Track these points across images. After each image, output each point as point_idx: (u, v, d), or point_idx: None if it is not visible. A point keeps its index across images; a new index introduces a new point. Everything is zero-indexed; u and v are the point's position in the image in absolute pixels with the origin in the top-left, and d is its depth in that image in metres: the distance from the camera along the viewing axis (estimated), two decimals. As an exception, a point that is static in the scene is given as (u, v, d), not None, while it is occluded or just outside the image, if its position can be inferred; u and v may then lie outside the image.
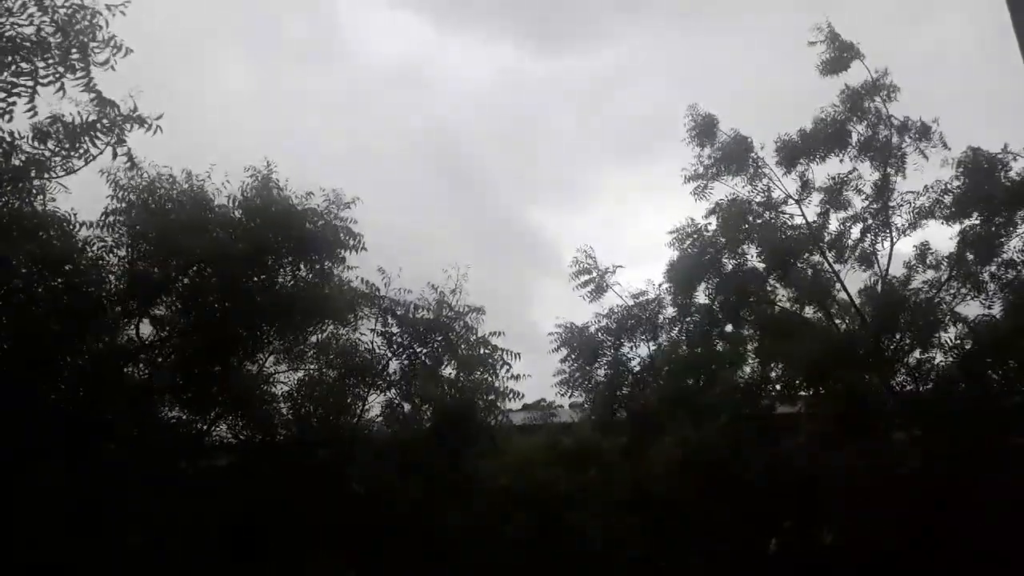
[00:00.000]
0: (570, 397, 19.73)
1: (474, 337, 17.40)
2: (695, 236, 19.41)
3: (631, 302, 19.65)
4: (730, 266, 19.31)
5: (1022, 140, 18.21)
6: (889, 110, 18.86)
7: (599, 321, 19.55)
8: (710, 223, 19.53)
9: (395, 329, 17.42)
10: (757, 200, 19.43)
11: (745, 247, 19.25)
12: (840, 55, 18.84)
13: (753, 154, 19.39)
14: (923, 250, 18.66)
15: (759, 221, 19.27)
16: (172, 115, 12.40)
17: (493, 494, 17.31)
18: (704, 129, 19.40)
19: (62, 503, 13.46)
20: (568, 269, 19.78)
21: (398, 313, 17.31)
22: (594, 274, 19.70)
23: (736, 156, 19.30)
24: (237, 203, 15.79)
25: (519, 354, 17.42)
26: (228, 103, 45.44)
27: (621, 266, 19.89)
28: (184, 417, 16.22)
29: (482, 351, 17.34)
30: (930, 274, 18.56)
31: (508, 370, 17.35)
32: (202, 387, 15.79)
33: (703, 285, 19.26)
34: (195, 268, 15.55)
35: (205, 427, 16.45)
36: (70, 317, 14.05)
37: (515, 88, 59.53)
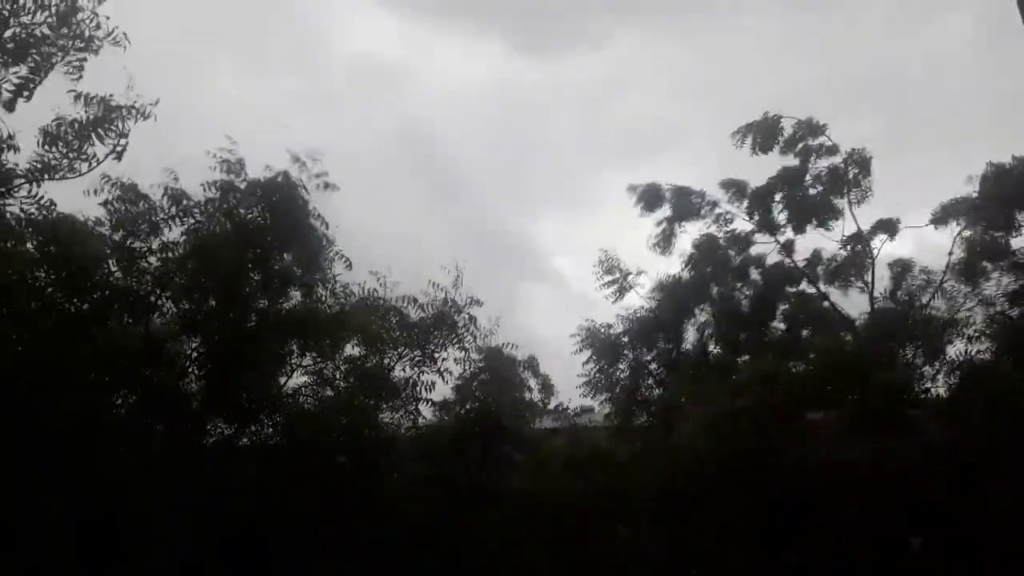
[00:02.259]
0: (593, 399, 20.17)
1: (482, 337, 17.60)
2: (671, 287, 20.29)
3: (653, 304, 20.37)
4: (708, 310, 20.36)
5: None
6: (826, 143, 19.98)
7: (620, 324, 20.19)
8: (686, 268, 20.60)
9: (397, 332, 17.50)
10: (724, 239, 20.55)
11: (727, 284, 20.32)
12: (767, 130, 20.02)
13: (708, 202, 20.56)
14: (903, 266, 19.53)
15: (736, 259, 20.43)
16: (160, 120, 12.83)
17: (513, 499, 17.30)
18: (650, 199, 20.54)
19: (79, 507, 13.73)
20: (595, 266, 20.65)
21: (403, 312, 17.46)
22: (617, 275, 20.51)
23: (689, 210, 20.53)
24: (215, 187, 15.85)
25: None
26: (215, 105, 45.57)
27: (644, 271, 20.76)
28: (212, 422, 16.48)
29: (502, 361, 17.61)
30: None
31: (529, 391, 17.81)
32: (229, 395, 15.93)
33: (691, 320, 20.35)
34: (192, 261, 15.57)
35: (231, 433, 16.66)
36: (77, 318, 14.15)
37: (507, 91, 60.04)
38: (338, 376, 17.31)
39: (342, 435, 16.72)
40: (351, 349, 17.35)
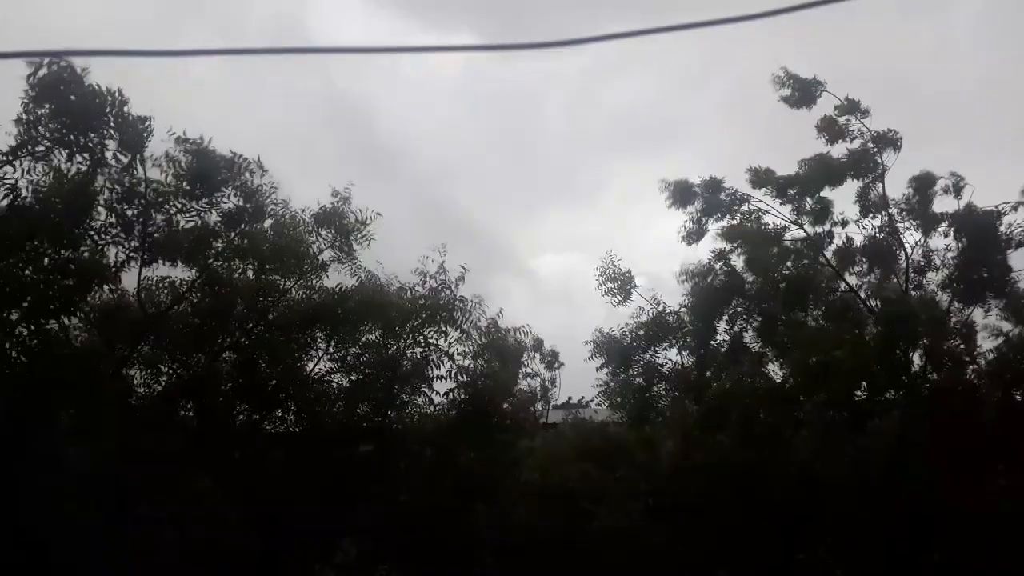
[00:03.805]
0: (608, 404, 20.21)
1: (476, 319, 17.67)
2: (705, 275, 20.04)
3: (656, 307, 20.23)
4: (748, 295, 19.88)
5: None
6: (869, 127, 19.40)
7: (629, 330, 20.00)
8: (726, 253, 20.18)
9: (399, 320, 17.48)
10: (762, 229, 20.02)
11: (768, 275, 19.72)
12: (804, 91, 19.48)
13: (739, 198, 20.08)
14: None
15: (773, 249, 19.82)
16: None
17: (522, 488, 17.68)
18: (682, 194, 20.11)
19: (111, 488, 14.14)
20: (595, 273, 20.30)
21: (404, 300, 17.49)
22: (619, 281, 20.23)
23: (720, 205, 20.14)
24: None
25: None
26: (193, 89, 45.21)
27: (637, 285, 20.42)
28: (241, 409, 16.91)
29: (498, 340, 17.77)
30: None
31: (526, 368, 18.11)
32: (259, 381, 16.29)
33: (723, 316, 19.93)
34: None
35: (258, 419, 17.09)
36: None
37: (483, 86, 60.31)
38: (360, 362, 17.49)
39: (363, 421, 16.95)
40: (371, 335, 17.59)
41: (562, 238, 63.88)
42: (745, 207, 20.00)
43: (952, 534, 16.31)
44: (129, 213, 15.06)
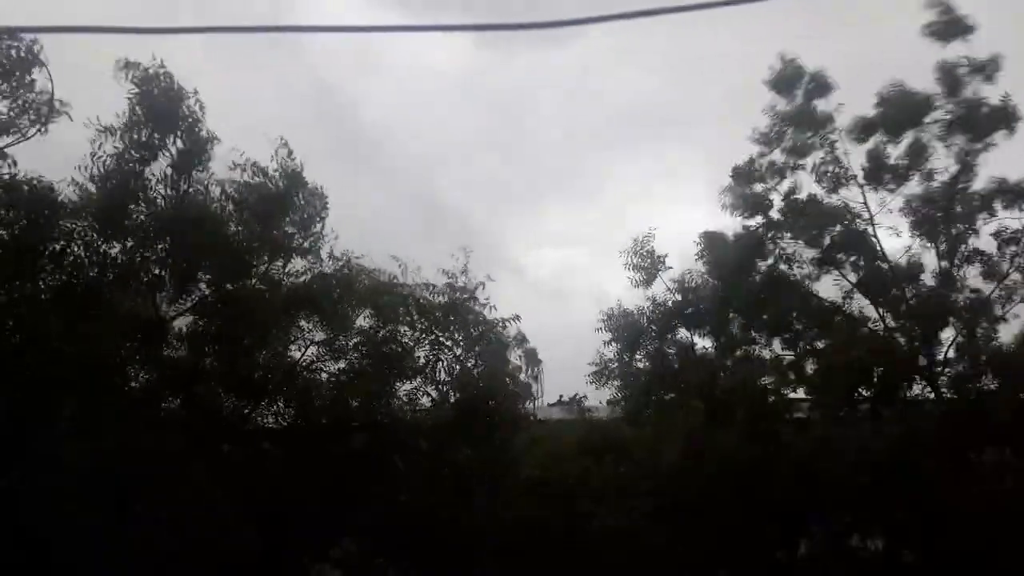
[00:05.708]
0: (605, 388, 19.43)
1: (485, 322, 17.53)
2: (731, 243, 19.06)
3: (678, 296, 19.42)
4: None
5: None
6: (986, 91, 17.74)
7: (646, 309, 19.31)
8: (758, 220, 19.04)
9: (415, 315, 17.35)
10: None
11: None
12: (954, 26, 17.49)
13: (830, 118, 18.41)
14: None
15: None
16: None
17: (519, 484, 17.59)
18: (788, 78, 18.26)
19: (102, 484, 13.92)
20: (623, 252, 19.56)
21: (419, 300, 17.36)
22: (648, 262, 19.35)
23: (811, 118, 18.37)
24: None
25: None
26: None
27: (671, 267, 19.68)
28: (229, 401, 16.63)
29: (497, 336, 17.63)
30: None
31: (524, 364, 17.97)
32: (239, 368, 15.97)
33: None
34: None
35: (248, 411, 16.79)
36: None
37: (474, 82, 60.33)
38: (350, 348, 17.23)
39: (356, 412, 16.75)
40: (363, 322, 17.40)
41: (554, 235, 63.86)
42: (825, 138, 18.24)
43: (954, 533, 16.25)
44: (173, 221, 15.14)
